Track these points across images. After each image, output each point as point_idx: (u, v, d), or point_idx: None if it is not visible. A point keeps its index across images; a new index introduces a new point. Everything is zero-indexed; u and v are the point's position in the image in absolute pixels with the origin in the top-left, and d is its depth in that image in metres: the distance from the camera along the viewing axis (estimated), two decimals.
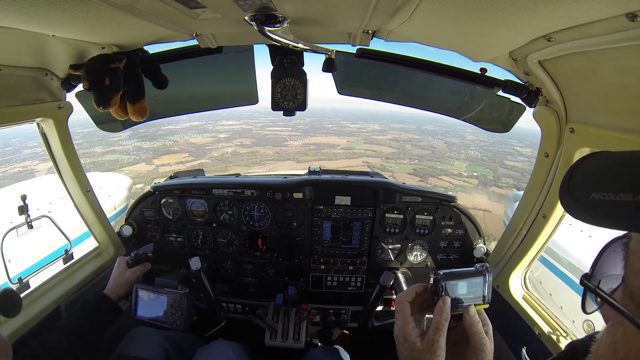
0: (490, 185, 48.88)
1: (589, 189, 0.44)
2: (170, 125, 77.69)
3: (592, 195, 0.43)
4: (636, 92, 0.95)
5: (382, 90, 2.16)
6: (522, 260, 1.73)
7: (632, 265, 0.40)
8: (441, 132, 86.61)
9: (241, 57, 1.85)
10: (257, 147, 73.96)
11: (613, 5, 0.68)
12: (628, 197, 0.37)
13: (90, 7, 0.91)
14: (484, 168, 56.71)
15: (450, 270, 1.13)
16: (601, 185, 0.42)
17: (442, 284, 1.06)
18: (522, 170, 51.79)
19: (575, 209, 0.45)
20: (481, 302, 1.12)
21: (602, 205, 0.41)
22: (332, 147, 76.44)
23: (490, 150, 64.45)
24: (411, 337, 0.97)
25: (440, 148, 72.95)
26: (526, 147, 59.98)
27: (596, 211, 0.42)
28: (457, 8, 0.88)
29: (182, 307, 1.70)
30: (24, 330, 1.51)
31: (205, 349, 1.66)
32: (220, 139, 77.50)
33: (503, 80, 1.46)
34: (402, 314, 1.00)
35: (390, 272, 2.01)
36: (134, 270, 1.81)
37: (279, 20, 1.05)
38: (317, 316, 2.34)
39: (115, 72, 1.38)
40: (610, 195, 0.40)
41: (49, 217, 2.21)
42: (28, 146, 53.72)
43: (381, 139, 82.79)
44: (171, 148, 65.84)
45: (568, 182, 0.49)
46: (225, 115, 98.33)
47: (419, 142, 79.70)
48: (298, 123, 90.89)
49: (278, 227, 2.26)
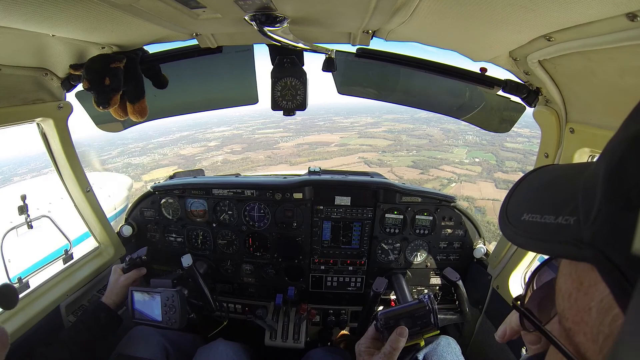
0: (494, 171, 47.62)
1: (522, 209, 0.42)
2: (160, 138, 76.68)
3: (523, 217, 0.41)
4: (636, 92, 0.95)
5: (382, 90, 2.16)
6: (522, 261, 1.73)
7: (559, 286, 0.39)
8: (435, 118, 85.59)
9: (241, 57, 1.84)
10: (248, 153, 73.21)
11: (613, 5, 0.68)
12: (551, 219, 0.36)
13: (90, 7, 0.91)
14: (485, 152, 55.45)
15: (390, 309, 1.26)
16: (532, 206, 0.41)
17: (381, 322, 1.20)
18: (525, 152, 50.67)
19: (507, 231, 0.43)
20: (430, 330, 1.26)
21: (530, 227, 0.39)
22: (325, 145, 75.55)
23: (488, 133, 63.83)
24: (365, 355, 1.14)
25: (437, 136, 72.02)
26: (523, 127, 59.30)
27: (526, 234, 0.40)
28: (457, 8, 0.88)
29: (175, 305, 1.69)
30: (24, 330, 1.51)
31: (205, 349, 1.65)
32: (210, 148, 76.79)
33: (503, 80, 1.46)
34: (366, 337, 1.22)
35: (383, 278, 2.00)
36: (129, 275, 1.81)
37: (279, 20, 1.05)
38: (317, 316, 2.34)
39: (115, 72, 1.38)
40: (537, 217, 0.39)
41: (48, 217, 2.21)
42: (18, 173, 53.66)
43: (375, 132, 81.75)
44: (160, 162, 65.50)
45: (507, 203, 0.46)
46: (215, 122, 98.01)
47: (414, 131, 78.67)
48: (289, 123, 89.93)
49: (278, 228, 2.26)
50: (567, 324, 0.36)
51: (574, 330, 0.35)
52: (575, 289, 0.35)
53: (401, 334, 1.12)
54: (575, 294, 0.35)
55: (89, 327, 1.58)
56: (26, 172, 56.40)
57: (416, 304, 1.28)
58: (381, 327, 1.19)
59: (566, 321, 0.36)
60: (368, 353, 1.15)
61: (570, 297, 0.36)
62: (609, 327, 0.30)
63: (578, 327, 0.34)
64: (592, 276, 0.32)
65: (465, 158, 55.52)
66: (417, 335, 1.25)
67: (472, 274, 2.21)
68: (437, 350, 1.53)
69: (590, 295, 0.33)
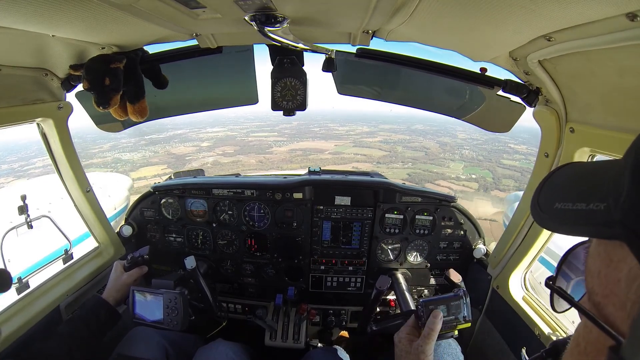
0: (491, 189, 47.69)
1: (554, 199, 0.48)
2: (153, 135, 74.81)
3: (556, 205, 0.47)
4: (636, 92, 0.95)
5: (382, 90, 2.16)
6: (522, 261, 1.73)
7: (589, 267, 0.44)
8: (432, 131, 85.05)
9: (241, 57, 1.85)
10: (240, 156, 72.00)
11: (613, 5, 0.68)
12: (582, 206, 0.42)
13: (90, 7, 0.91)
14: (482, 169, 55.36)
15: (430, 298, 1.45)
16: (563, 196, 0.47)
17: (423, 308, 1.35)
18: (522, 170, 50.89)
19: (541, 219, 0.50)
20: (463, 321, 1.44)
21: (563, 215, 0.45)
22: (319, 152, 74.39)
23: (484, 149, 63.17)
24: (405, 341, 1.28)
25: (433, 149, 71.49)
26: (520, 144, 58.85)
27: (558, 220, 0.46)
28: (457, 8, 0.88)
29: (178, 307, 1.69)
30: (24, 330, 1.51)
31: (205, 349, 1.65)
32: (202, 148, 75.63)
33: (503, 80, 1.46)
34: (407, 325, 1.36)
35: (386, 276, 2.01)
36: (131, 273, 1.81)
37: (279, 20, 1.05)
38: (316, 316, 2.34)
39: (115, 72, 1.38)
40: (569, 205, 0.45)
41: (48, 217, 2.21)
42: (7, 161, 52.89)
43: (371, 142, 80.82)
44: (151, 160, 64.03)
45: (539, 193, 0.53)
46: (210, 122, 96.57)
47: (411, 142, 78.01)
48: (284, 127, 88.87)
49: (278, 228, 2.26)
50: (597, 298, 0.41)
51: (603, 304, 0.40)
52: (605, 266, 0.40)
53: (436, 316, 1.28)
54: (605, 270, 0.40)
55: (87, 323, 1.57)
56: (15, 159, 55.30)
57: (453, 296, 1.45)
58: (422, 312, 1.35)
59: (596, 296, 0.42)
60: (409, 340, 1.29)
61: (599, 274, 0.41)
62: (636, 293, 0.35)
63: (607, 300, 0.40)
64: (621, 252, 0.38)
65: (462, 174, 55.04)
66: (451, 326, 1.42)
67: (472, 274, 2.21)
68: (437, 351, 1.54)
69: (619, 269, 0.38)
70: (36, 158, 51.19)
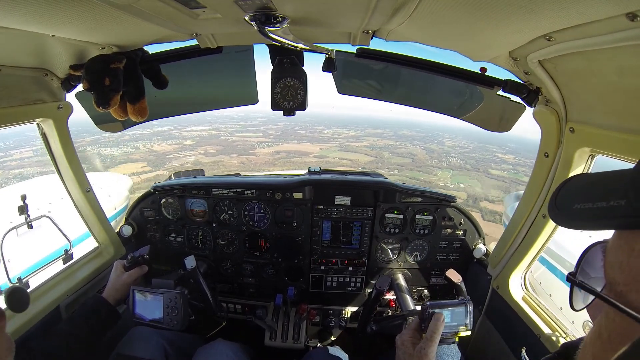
0: (480, 200, 47.58)
1: (573, 201, 0.52)
2: (137, 131, 73.06)
3: (575, 206, 0.51)
4: (636, 92, 0.95)
5: (382, 90, 2.16)
6: (522, 261, 1.73)
7: (609, 260, 0.47)
8: (419, 137, 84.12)
9: (241, 57, 1.85)
10: (222, 156, 70.84)
11: (613, 5, 0.68)
12: (603, 204, 0.46)
13: (90, 7, 0.91)
14: (470, 178, 54.99)
15: (435, 302, 1.47)
16: (582, 198, 0.51)
17: (428, 312, 1.36)
18: (510, 181, 50.65)
19: (561, 218, 0.55)
20: (464, 329, 1.48)
21: (583, 213, 0.49)
22: (303, 154, 73.46)
23: (472, 157, 62.46)
24: (407, 343, 1.29)
25: (420, 155, 70.66)
26: (508, 153, 58.47)
27: (578, 218, 0.50)
28: (457, 8, 0.88)
29: (178, 307, 1.69)
30: (24, 329, 1.51)
31: (205, 349, 1.65)
32: (184, 147, 74.45)
33: (503, 80, 1.46)
34: (409, 328, 1.37)
35: (387, 276, 2.01)
36: (131, 272, 1.82)
37: (279, 20, 1.05)
38: (316, 316, 2.34)
39: (115, 72, 1.38)
40: (589, 204, 0.48)
41: (48, 217, 2.21)
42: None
43: (357, 146, 79.85)
44: (131, 156, 62.84)
45: (556, 197, 0.57)
46: (196, 121, 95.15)
47: (397, 148, 77.11)
48: (270, 129, 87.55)
49: (278, 227, 2.26)
50: (619, 287, 0.44)
51: (625, 291, 0.43)
52: (626, 256, 0.43)
53: (439, 319, 1.29)
54: (627, 260, 0.43)
55: (88, 322, 1.57)
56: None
57: (458, 302, 1.49)
58: (427, 315, 1.36)
59: (617, 286, 0.44)
60: (411, 342, 1.31)
61: (621, 265, 0.44)
62: None
63: (629, 287, 0.42)
64: None
65: (450, 183, 54.81)
66: (452, 332, 1.47)
67: (472, 274, 2.21)
68: (437, 354, 1.54)
69: None
70: (14, 150, 49.99)
